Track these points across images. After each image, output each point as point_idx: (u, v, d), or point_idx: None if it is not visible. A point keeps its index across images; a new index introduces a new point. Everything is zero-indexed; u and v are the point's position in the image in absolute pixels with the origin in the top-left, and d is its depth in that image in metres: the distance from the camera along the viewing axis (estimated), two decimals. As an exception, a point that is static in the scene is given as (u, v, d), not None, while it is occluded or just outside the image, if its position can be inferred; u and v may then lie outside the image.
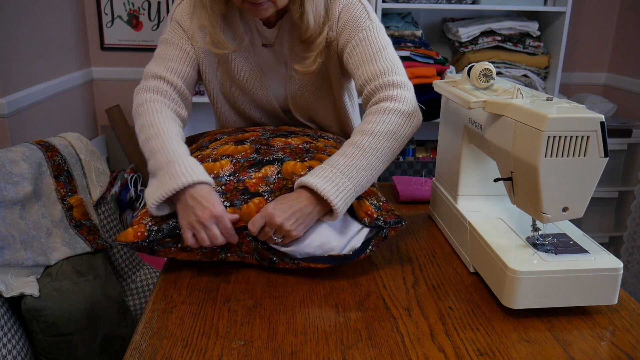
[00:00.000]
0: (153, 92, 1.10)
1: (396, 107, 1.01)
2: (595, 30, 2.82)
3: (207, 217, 0.90)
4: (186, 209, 0.92)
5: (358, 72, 1.09)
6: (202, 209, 0.90)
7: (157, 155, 0.98)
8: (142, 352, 0.77)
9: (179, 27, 1.16)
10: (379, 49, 1.09)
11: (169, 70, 1.13)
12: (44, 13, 2.24)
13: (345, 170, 0.95)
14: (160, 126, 1.03)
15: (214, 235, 0.91)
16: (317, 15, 1.09)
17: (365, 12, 1.12)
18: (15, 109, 1.99)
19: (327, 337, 0.81)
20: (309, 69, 1.13)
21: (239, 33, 1.17)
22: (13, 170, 1.26)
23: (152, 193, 0.93)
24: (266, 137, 1.11)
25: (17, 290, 1.12)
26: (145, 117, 1.05)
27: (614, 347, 0.79)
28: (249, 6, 1.04)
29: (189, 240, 0.92)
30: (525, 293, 0.84)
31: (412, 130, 1.03)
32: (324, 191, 0.91)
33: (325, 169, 0.95)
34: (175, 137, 1.02)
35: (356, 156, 0.96)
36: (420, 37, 2.53)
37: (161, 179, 0.94)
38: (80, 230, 1.37)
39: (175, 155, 0.96)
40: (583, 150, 0.80)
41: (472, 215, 1.03)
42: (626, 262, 2.42)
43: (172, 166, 0.94)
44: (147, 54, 2.71)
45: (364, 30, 1.10)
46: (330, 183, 0.92)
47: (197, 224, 0.90)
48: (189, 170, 0.93)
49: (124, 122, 2.74)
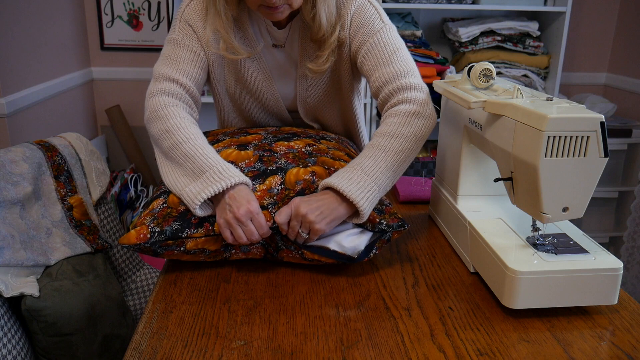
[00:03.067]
0: (168, 96, 1.10)
1: (415, 109, 1.04)
2: (595, 30, 2.82)
3: (243, 214, 0.92)
4: (224, 207, 0.94)
5: (374, 76, 1.11)
6: (238, 206, 0.92)
7: (195, 159, 0.99)
8: (142, 352, 0.77)
9: (189, 27, 1.15)
10: (393, 51, 1.11)
11: (180, 72, 1.13)
12: (44, 13, 2.24)
13: (369, 172, 0.97)
14: (189, 130, 1.04)
15: (250, 231, 0.93)
16: (330, 15, 1.10)
17: (377, 14, 1.14)
18: (15, 109, 1.99)
19: (327, 337, 0.81)
20: (322, 67, 1.15)
21: (250, 35, 1.17)
22: (13, 170, 1.26)
23: (196, 194, 0.95)
24: (269, 142, 1.11)
25: (17, 290, 1.12)
26: (168, 121, 1.05)
27: (614, 347, 0.79)
28: (265, 10, 1.05)
29: (228, 237, 0.94)
30: (525, 293, 0.84)
31: (429, 131, 1.06)
32: (349, 192, 0.94)
33: (349, 171, 0.97)
34: (205, 141, 1.04)
35: (379, 158, 0.99)
36: (420, 37, 2.53)
37: (206, 181, 0.96)
38: (80, 230, 1.37)
39: (215, 159, 0.99)
40: (583, 150, 0.80)
41: (472, 215, 1.03)
42: (626, 262, 2.42)
43: (216, 169, 0.97)
44: (147, 54, 2.71)
45: (377, 33, 1.12)
46: (354, 184, 0.95)
47: (234, 220, 0.93)
48: (231, 173, 0.96)
49: (124, 122, 2.74)
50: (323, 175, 1.01)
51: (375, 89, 1.12)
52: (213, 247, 0.98)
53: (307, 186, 0.99)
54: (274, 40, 1.19)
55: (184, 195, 0.96)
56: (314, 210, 0.93)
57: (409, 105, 1.05)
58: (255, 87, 1.23)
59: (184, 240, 0.96)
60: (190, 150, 1.00)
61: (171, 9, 2.52)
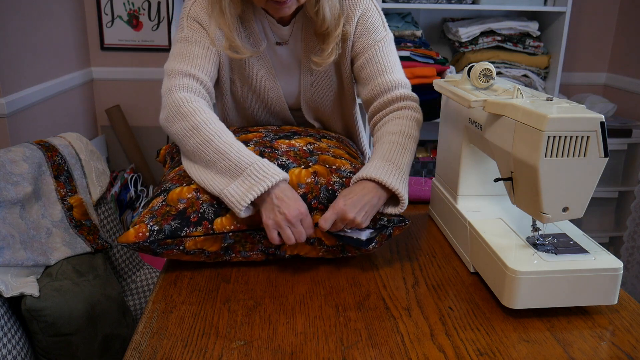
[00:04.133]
0: (188, 91, 1.07)
1: (419, 117, 1.13)
2: (595, 30, 2.82)
3: (295, 215, 0.92)
4: (272, 208, 0.93)
5: (374, 82, 1.17)
6: (288, 208, 0.92)
7: (229, 155, 0.95)
8: (142, 352, 0.77)
9: (197, 24, 1.13)
10: (395, 62, 1.18)
11: (196, 67, 1.10)
12: (44, 13, 2.24)
13: (401, 166, 1.01)
14: (216, 126, 1.01)
15: (299, 232, 0.93)
16: (333, 8, 1.12)
17: (382, 21, 1.19)
18: (15, 109, 1.99)
19: (327, 337, 0.81)
20: (327, 60, 1.16)
21: (255, 33, 1.17)
22: (13, 170, 1.26)
23: (242, 195, 0.91)
24: (269, 139, 1.11)
25: (17, 290, 1.12)
26: (194, 118, 1.01)
27: (614, 347, 0.79)
28: (273, 5, 1.05)
29: (275, 239, 0.93)
30: (525, 293, 0.84)
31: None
32: (391, 183, 0.96)
33: (381, 163, 1.00)
34: (234, 137, 1.01)
35: (404, 154, 1.05)
36: (420, 37, 2.53)
37: (248, 180, 0.93)
38: (80, 230, 1.37)
39: (251, 155, 0.96)
40: (583, 150, 0.80)
41: (472, 215, 1.03)
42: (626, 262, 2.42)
43: (256, 168, 0.94)
44: (147, 54, 2.71)
45: (379, 42, 1.17)
46: (391, 175, 0.98)
47: (285, 222, 0.92)
48: (272, 170, 0.94)
49: (124, 122, 2.74)
50: (325, 175, 1.01)
51: (375, 94, 1.17)
52: (212, 248, 0.98)
53: (309, 190, 0.99)
54: (278, 38, 1.20)
55: (226, 196, 0.93)
56: (360, 212, 0.94)
57: (415, 113, 1.13)
58: (259, 85, 1.23)
59: (182, 239, 0.96)
60: (223, 147, 0.97)
61: (171, 9, 2.52)
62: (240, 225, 0.96)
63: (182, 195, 0.99)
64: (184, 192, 1.00)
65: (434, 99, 2.23)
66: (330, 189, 1.00)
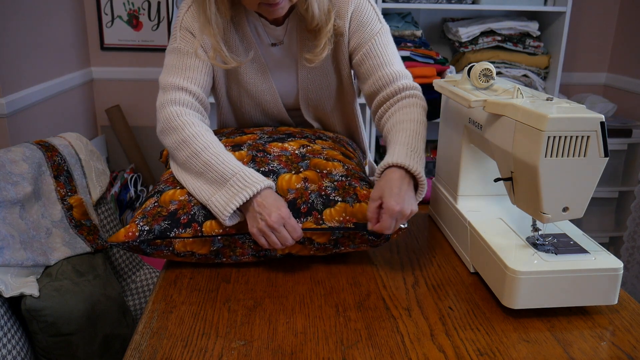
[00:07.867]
0: (179, 105, 1.09)
1: (425, 106, 1.14)
2: (595, 30, 2.82)
3: (275, 220, 0.92)
4: (254, 216, 0.94)
5: (375, 75, 1.16)
6: (269, 214, 0.93)
7: (216, 166, 0.98)
8: (142, 352, 0.77)
9: (190, 35, 1.14)
10: (393, 54, 1.19)
11: (189, 80, 1.12)
12: (44, 13, 2.24)
13: (419, 152, 1.02)
14: (206, 138, 1.03)
15: (283, 237, 0.94)
16: (321, 4, 1.12)
17: (375, 13, 1.19)
18: (15, 109, 1.99)
19: (327, 337, 0.81)
20: (318, 56, 1.15)
21: (248, 37, 1.17)
22: (13, 170, 1.26)
23: (224, 204, 0.94)
24: (263, 142, 1.12)
25: (17, 290, 1.12)
26: (183, 131, 1.04)
27: (614, 347, 0.79)
28: (266, 7, 1.05)
29: (264, 244, 0.95)
30: (525, 293, 0.84)
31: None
32: (416, 170, 0.97)
33: (404, 150, 1.00)
34: (223, 148, 1.04)
35: (417, 139, 1.04)
36: (420, 37, 2.53)
37: (231, 190, 0.95)
38: (80, 230, 1.37)
39: (236, 165, 0.99)
40: (583, 150, 0.80)
41: (472, 215, 1.03)
42: (626, 262, 2.42)
43: (239, 178, 0.96)
44: (147, 54, 2.71)
45: (376, 36, 1.17)
46: (416, 163, 0.98)
47: (267, 228, 0.93)
48: (255, 178, 0.96)
49: (124, 122, 2.74)
50: (315, 181, 1.02)
51: (377, 88, 1.17)
52: (202, 251, 0.98)
53: (299, 195, 0.99)
54: (272, 39, 1.20)
55: (211, 205, 0.96)
56: (410, 203, 0.94)
57: (420, 101, 1.14)
58: (255, 89, 1.23)
59: (172, 240, 0.96)
60: (210, 159, 0.99)
61: (171, 9, 2.52)
62: (229, 230, 0.97)
63: (174, 197, 1.00)
64: (177, 194, 1.01)
65: (434, 99, 2.23)
66: (324, 194, 1.00)
